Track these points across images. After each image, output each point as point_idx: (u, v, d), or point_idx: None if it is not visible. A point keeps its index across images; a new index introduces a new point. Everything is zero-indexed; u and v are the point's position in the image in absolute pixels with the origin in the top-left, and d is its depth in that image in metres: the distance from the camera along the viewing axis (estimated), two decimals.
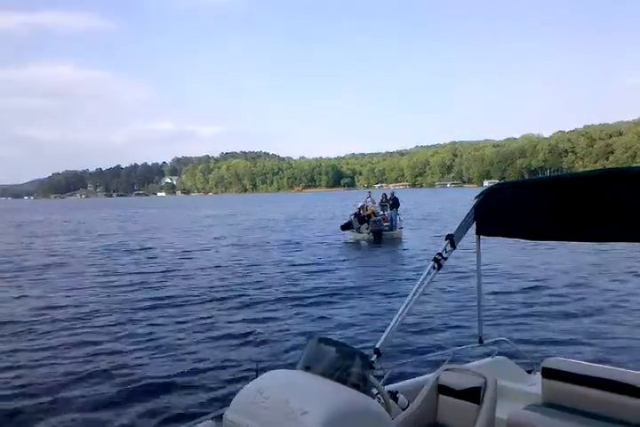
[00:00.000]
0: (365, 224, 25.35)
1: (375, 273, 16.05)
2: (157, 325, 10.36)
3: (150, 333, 9.78)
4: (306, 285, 14.26)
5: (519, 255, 18.45)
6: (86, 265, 19.23)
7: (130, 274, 16.77)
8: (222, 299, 12.77)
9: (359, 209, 26.20)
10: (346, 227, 26.42)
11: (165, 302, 12.58)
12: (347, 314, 10.81)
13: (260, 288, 13.96)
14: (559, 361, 3.81)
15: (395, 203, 27.04)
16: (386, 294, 12.62)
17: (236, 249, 23.87)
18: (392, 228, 26.09)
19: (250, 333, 9.56)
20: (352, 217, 26.34)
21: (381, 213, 26.75)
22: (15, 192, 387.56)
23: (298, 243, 25.82)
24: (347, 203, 50.50)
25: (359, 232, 25.88)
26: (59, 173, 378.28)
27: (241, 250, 23.32)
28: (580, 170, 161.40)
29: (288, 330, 9.68)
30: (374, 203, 27.41)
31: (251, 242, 26.65)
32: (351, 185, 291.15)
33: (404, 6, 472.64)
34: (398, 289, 13.12)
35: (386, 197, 27.41)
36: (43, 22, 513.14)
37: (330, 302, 12.02)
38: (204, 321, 10.59)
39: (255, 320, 10.52)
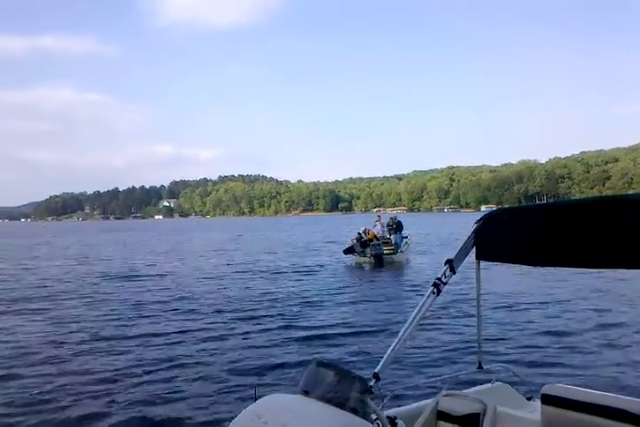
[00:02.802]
0: (367, 248, 25.48)
1: (375, 297, 15.97)
2: (156, 345, 10.28)
3: (149, 353, 9.71)
4: (305, 309, 14.17)
5: (519, 280, 18.41)
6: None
7: (116, 301, 16.65)
8: (220, 321, 12.72)
9: (361, 233, 26.28)
10: (348, 251, 26.60)
11: (165, 324, 12.52)
12: (346, 338, 10.73)
13: (259, 311, 13.88)
14: (559, 388, 3.78)
15: (398, 227, 27.21)
16: (385, 319, 12.54)
17: (240, 273, 23.84)
18: (395, 251, 26.08)
19: (248, 356, 9.47)
20: (354, 241, 26.48)
21: (388, 236, 26.88)
22: (11, 214, 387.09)
23: (303, 266, 25.93)
24: (351, 227, 50.36)
25: (361, 256, 25.97)
26: (56, 196, 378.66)
27: (245, 274, 23.25)
28: (577, 196, 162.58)
29: (286, 353, 9.60)
30: (383, 226, 27.57)
31: (258, 265, 26.58)
32: (349, 209, 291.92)
33: (400, 33, 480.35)
34: (398, 313, 13.04)
35: (393, 220, 27.58)
36: (43, 46, 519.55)
37: (329, 326, 11.92)
38: (202, 344, 10.50)
39: (253, 343, 10.44)
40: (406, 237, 29.03)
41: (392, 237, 27.06)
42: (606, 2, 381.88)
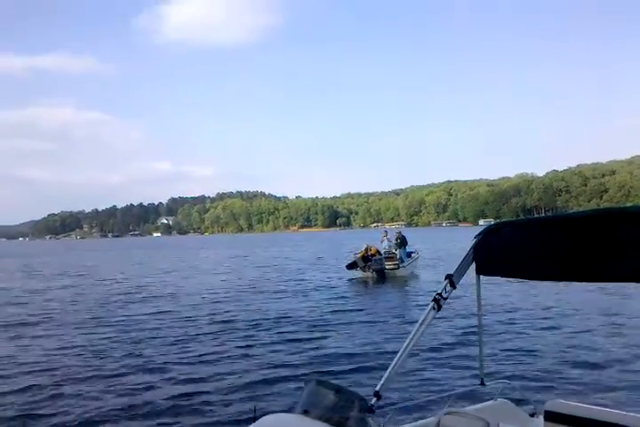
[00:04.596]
0: (370, 263, 25.62)
1: (376, 313, 15.89)
2: (155, 363, 10.19)
3: (148, 370, 9.63)
4: (305, 326, 14.07)
5: (520, 295, 18.33)
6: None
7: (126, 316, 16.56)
8: (216, 337, 12.68)
9: (365, 250, 26.34)
10: (351, 266, 26.68)
11: (167, 339, 12.51)
12: (345, 356, 10.62)
13: (259, 328, 13.78)
14: (562, 404, 3.74)
15: (402, 242, 27.36)
16: (386, 335, 12.45)
17: (245, 288, 23.81)
18: (398, 266, 26.19)
19: (247, 374, 9.38)
20: (356, 256, 26.56)
21: (394, 251, 27.02)
22: (9, 233, 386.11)
23: (305, 281, 26.04)
24: (356, 243, 50.26)
25: (364, 271, 26.06)
26: (54, 214, 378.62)
27: (247, 286, 23.16)
28: (575, 209, 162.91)
29: (285, 371, 9.50)
30: (390, 241, 27.70)
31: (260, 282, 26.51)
32: (347, 224, 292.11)
33: (398, 47, 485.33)
34: (398, 329, 12.96)
35: (398, 235, 27.69)
36: (41, 65, 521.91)
37: (328, 344, 11.82)
38: (200, 362, 10.40)
39: (251, 361, 10.34)
40: (414, 252, 29.12)
41: (397, 251, 27.16)
42: (602, 14, 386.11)
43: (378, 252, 26.25)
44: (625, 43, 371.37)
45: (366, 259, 25.87)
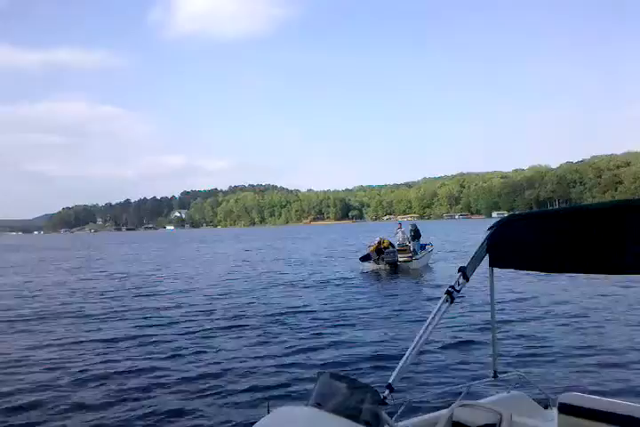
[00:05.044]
0: (383, 255, 25.73)
1: (388, 305, 15.89)
2: (168, 356, 10.28)
3: (162, 362, 9.72)
4: (318, 318, 14.10)
5: (534, 287, 18.23)
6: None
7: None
8: (231, 329, 12.77)
9: (378, 242, 26.37)
10: (364, 258, 26.82)
11: (179, 332, 12.57)
12: (358, 348, 10.64)
13: (272, 321, 13.83)
14: (576, 396, 3.72)
15: (416, 234, 27.38)
16: (398, 327, 12.46)
17: (258, 278, 23.95)
18: (412, 258, 26.21)
19: (260, 367, 9.44)
20: (369, 249, 26.71)
21: (408, 244, 27.08)
22: (25, 227, 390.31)
23: (320, 274, 26.06)
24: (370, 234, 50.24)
25: (377, 263, 26.16)
26: (69, 208, 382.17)
27: (261, 279, 23.29)
28: (589, 201, 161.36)
29: (298, 364, 9.54)
30: (405, 234, 27.72)
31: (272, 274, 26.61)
32: (359, 217, 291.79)
33: (411, 40, 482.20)
34: (411, 322, 12.95)
35: (412, 228, 27.67)
36: (56, 60, 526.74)
37: (341, 337, 11.83)
38: (215, 354, 10.49)
39: (265, 353, 10.40)
40: (428, 245, 29.12)
41: (411, 244, 27.19)
42: (619, 4, 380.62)
43: (391, 244, 26.28)
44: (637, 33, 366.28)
45: (379, 251, 25.95)
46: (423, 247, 28.13)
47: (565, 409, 3.67)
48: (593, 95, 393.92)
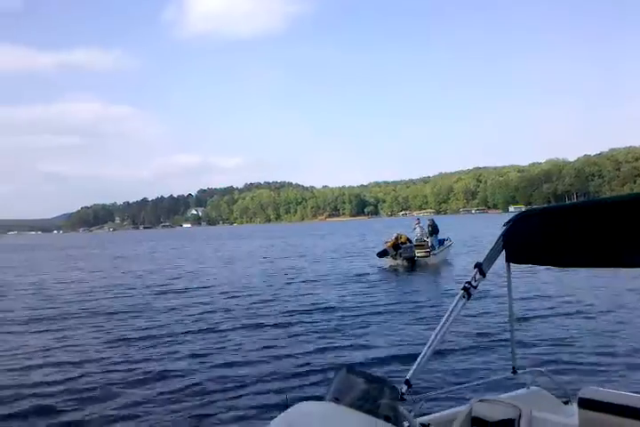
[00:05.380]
0: (400, 251, 25.62)
1: (405, 301, 15.88)
2: (187, 354, 10.37)
3: (179, 358, 9.87)
4: (336, 314, 14.15)
5: (553, 283, 18.09)
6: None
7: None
8: (251, 325, 12.87)
9: (395, 238, 26.33)
10: (382, 254, 26.67)
11: (196, 327, 12.79)
12: (375, 343, 10.66)
13: (291, 316, 13.93)
14: (597, 391, 3.69)
15: (434, 229, 27.27)
16: (415, 323, 12.46)
17: (275, 275, 24.15)
18: (429, 254, 26.13)
19: (279, 362, 9.51)
20: (387, 244, 26.61)
21: (426, 239, 27.01)
22: (44, 226, 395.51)
23: (336, 269, 26.22)
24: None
25: (394, 259, 26.09)
26: (87, 207, 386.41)
27: (278, 275, 23.45)
28: (608, 194, 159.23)
29: (316, 360, 9.58)
30: (423, 229, 27.69)
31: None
32: (375, 213, 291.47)
33: (425, 36, 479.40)
34: (428, 318, 12.92)
35: (430, 223, 27.60)
36: (70, 60, 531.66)
37: (359, 331, 11.87)
38: (234, 351, 10.57)
39: (284, 349, 10.46)
40: (446, 240, 28.92)
41: (429, 239, 27.08)
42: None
43: (408, 239, 26.20)
44: None
45: (397, 247, 25.83)
46: (441, 242, 27.98)
47: (585, 404, 3.64)
48: (611, 87, 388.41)
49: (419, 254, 25.70)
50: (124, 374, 9.20)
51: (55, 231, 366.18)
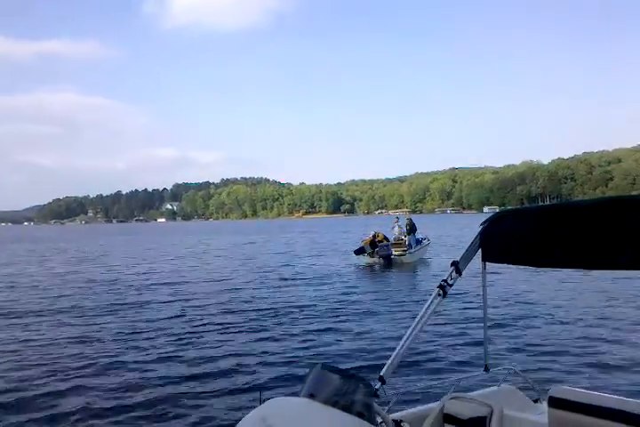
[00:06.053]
0: (377, 249, 25.86)
1: (381, 298, 15.96)
2: (159, 346, 10.27)
3: (152, 353, 9.74)
4: (311, 311, 14.15)
5: (526, 282, 18.34)
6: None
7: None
8: (224, 323, 12.70)
9: (373, 236, 26.50)
10: (359, 251, 26.89)
11: (172, 323, 12.62)
12: (350, 340, 10.70)
13: (265, 314, 13.85)
14: (566, 390, 3.75)
15: (412, 228, 27.45)
16: (391, 321, 12.51)
17: (251, 271, 24.06)
18: (406, 252, 26.32)
19: (254, 359, 9.46)
20: (364, 242, 26.77)
21: (403, 238, 27.31)
22: (14, 218, 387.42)
23: (312, 266, 26.27)
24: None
25: (371, 257, 26.31)
26: (59, 199, 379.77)
27: (255, 272, 23.34)
28: (580, 197, 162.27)
29: (291, 356, 9.57)
30: (401, 228, 27.90)
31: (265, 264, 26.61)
32: (351, 211, 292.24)
33: (404, 36, 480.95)
34: (403, 315, 13.00)
35: (409, 222, 27.76)
36: (47, 50, 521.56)
37: (333, 329, 11.88)
38: (207, 346, 10.50)
39: (258, 347, 10.41)
40: (424, 239, 29.20)
41: (406, 238, 27.30)
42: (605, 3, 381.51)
43: (385, 238, 26.43)
44: (628, 32, 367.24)
45: (374, 245, 26.04)
46: (419, 241, 28.22)
47: (555, 403, 3.70)
48: (585, 92, 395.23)
49: (395, 253, 25.94)
50: (81, 372, 9.02)
51: (26, 223, 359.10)
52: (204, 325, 12.68)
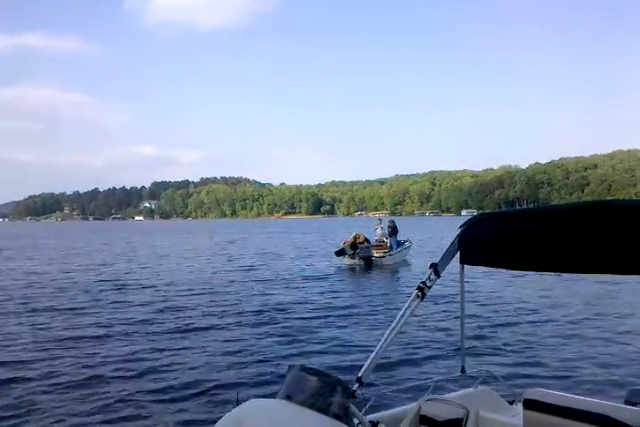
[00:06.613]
0: (357, 250, 25.90)
1: (360, 300, 16.00)
2: (136, 349, 10.14)
3: (127, 355, 9.60)
4: (289, 312, 14.14)
5: (503, 285, 18.54)
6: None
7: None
8: (201, 325, 12.59)
9: (353, 237, 26.54)
10: (339, 253, 26.86)
11: (150, 325, 12.49)
12: (328, 342, 10.69)
13: (243, 314, 13.82)
14: (541, 393, 3.79)
15: (394, 230, 27.56)
16: (369, 322, 12.55)
17: (229, 273, 23.88)
18: (386, 254, 26.42)
19: (230, 359, 9.41)
20: (345, 244, 26.78)
21: (385, 240, 27.39)
22: None
23: (292, 267, 26.26)
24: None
25: (352, 258, 26.30)
26: (35, 196, 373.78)
27: (235, 271, 23.19)
28: (556, 201, 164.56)
29: (268, 358, 9.54)
30: (384, 230, 27.95)
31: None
32: (331, 213, 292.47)
33: (386, 37, 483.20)
34: (382, 317, 13.05)
35: (390, 224, 27.81)
36: (25, 44, 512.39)
37: (311, 330, 11.88)
38: (184, 346, 10.43)
39: (235, 348, 10.33)
40: (406, 241, 29.35)
41: (388, 240, 27.41)
42: (587, 8, 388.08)
43: (366, 239, 26.50)
44: (612, 39, 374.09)
45: (355, 246, 26.11)
46: (400, 244, 28.33)
47: (530, 405, 3.73)
48: (563, 99, 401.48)
49: (376, 255, 26.06)
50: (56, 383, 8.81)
51: (0, 220, 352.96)
52: (178, 327, 12.48)
